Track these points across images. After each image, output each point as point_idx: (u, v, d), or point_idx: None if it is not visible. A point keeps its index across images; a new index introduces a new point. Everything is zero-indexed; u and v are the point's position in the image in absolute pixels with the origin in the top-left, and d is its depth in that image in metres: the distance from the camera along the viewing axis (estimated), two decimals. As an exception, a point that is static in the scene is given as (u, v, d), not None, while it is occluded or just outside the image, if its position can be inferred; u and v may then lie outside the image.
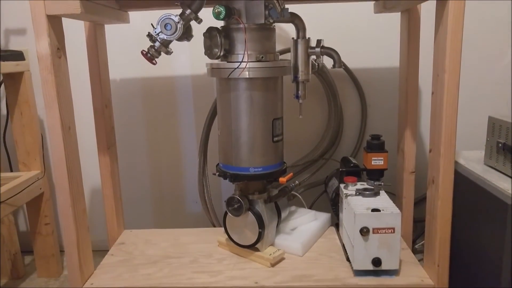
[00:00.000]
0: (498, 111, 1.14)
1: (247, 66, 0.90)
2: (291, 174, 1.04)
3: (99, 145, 1.12)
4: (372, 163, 1.05)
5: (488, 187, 0.90)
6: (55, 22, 0.84)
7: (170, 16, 0.88)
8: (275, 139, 0.98)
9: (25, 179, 1.20)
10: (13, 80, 1.22)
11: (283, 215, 1.08)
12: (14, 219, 1.39)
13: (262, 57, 0.93)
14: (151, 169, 1.44)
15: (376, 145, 1.06)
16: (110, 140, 1.13)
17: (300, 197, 1.16)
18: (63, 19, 0.87)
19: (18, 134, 1.26)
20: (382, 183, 1.02)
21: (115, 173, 1.17)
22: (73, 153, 0.90)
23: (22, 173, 1.26)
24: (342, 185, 1.04)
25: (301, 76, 0.96)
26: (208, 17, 0.90)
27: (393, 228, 0.87)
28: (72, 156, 0.90)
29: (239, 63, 0.90)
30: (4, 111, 1.34)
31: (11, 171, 1.37)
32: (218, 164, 1.03)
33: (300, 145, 1.37)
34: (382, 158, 1.04)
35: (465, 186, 0.98)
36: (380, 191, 0.99)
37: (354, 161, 1.13)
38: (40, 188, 1.28)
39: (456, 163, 1.04)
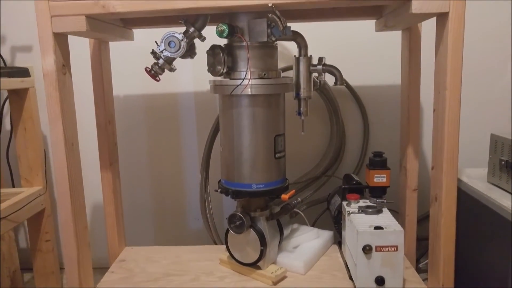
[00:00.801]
0: (501, 128, 1.14)
1: (250, 83, 0.91)
2: (293, 191, 1.04)
3: (101, 162, 1.12)
4: (375, 180, 1.05)
5: (491, 205, 0.90)
6: (61, 40, 0.85)
7: (174, 34, 0.89)
8: (277, 155, 0.98)
9: (26, 195, 1.20)
10: (18, 96, 1.23)
11: (285, 232, 1.07)
12: (15, 236, 1.38)
13: (265, 74, 0.93)
14: (152, 186, 1.43)
15: (378, 162, 1.06)
16: (112, 157, 1.14)
17: (302, 214, 1.15)
18: (69, 36, 0.88)
19: (21, 150, 1.26)
20: (385, 201, 1.02)
21: (117, 190, 1.16)
22: (76, 169, 0.90)
23: (24, 189, 1.26)
24: (344, 203, 1.03)
25: (303, 93, 0.97)
26: (211, 35, 0.91)
27: (396, 246, 0.86)
28: (75, 172, 0.90)
29: (242, 80, 0.91)
30: (7, 127, 1.35)
31: (13, 186, 1.37)
32: (220, 180, 1.03)
33: (302, 162, 1.36)
34: (384, 175, 1.04)
35: (469, 204, 0.97)
36: (383, 209, 0.98)
37: (356, 178, 1.13)
38: (42, 204, 1.27)
39: (459, 180, 1.03)
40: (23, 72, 1.22)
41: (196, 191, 1.28)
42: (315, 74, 0.99)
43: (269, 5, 0.79)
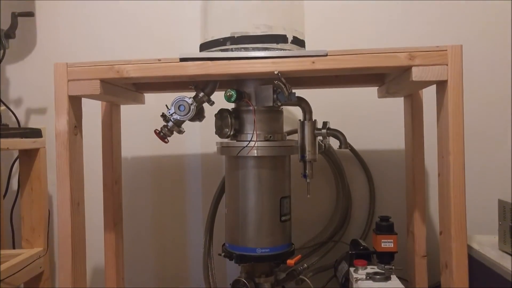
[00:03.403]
0: (509, 194, 1.13)
1: (256, 145, 0.93)
2: (299, 256, 1.01)
3: (105, 222, 1.11)
4: (382, 246, 1.02)
5: (505, 274, 0.86)
6: (75, 102, 0.89)
7: (184, 98, 0.92)
8: (283, 218, 0.97)
9: (26, 256, 1.17)
10: (28, 157, 1.25)
11: (291, 300, 1.02)
12: (10, 300, 1.33)
13: (270, 136, 0.96)
14: (154, 249, 1.40)
15: (385, 227, 1.04)
16: (117, 217, 1.13)
17: (308, 281, 1.11)
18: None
19: (26, 210, 1.26)
20: (393, 267, 0.99)
21: (120, 252, 1.14)
22: (80, 230, 0.90)
23: (24, 251, 1.23)
24: (352, 269, 1.00)
25: (308, 156, 0.98)
26: (219, 100, 0.95)
27: (408, 317, 0.82)
28: (79, 232, 0.89)
29: (248, 142, 0.93)
30: (14, 187, 1.36)
31: (14, 247, 1.35)
32: (224, 244, 1.01)
33: (308, 226, 1.34)
34: (391, 241, 1.02)
35: (481, 272, 0.94)
36: (391, 276, 0.95)
37: (363, 243, 1.10)
38: (40, 267, 1.24)
39: (470, 247, 1.01)
40: (36, 133, 1.25)
41: (199, 255, 1.24)
42: (320, 138, 1.01)
43: (275, 72, 0.83)
